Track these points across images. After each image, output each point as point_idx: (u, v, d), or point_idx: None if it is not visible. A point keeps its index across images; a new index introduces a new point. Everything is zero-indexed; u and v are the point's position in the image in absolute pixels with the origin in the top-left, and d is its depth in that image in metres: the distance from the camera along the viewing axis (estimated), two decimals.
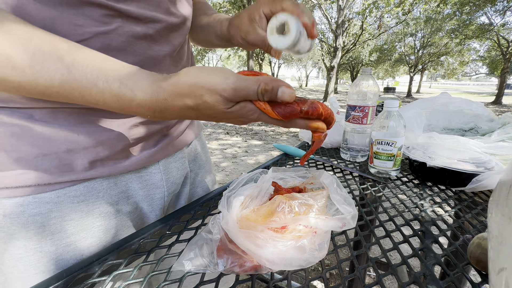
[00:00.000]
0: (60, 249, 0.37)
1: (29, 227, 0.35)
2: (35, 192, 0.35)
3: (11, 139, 0.33)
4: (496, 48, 14.98)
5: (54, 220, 0.36)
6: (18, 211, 0.34)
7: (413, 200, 0.53)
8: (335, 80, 11.89)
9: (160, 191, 0.47)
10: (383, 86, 1.19)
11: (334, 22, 10.73)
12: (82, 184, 0.38)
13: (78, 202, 0.37)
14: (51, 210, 0.36)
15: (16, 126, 0.33)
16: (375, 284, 0.30)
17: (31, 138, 0.34)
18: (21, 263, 0.35)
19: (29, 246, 0.35)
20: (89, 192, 0.38)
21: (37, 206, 0.35)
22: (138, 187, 0.44)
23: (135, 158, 0.42)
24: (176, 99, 0.29)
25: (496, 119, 0.96)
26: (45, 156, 0.35)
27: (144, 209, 0.45)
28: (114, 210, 0.41)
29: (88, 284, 0.31)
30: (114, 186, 0.41)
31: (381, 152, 0.63)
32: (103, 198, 0.39)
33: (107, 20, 0.34)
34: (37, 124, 0.33)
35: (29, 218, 0.35)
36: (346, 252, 1.55)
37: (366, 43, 16.11)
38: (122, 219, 0.42)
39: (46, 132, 0.34)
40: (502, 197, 0.25)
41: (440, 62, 21.40)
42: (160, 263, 0.35)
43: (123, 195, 0.42)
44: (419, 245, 0.38)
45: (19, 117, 0.33)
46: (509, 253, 0.21)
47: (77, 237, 0.38)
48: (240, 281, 0.32)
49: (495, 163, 0.58)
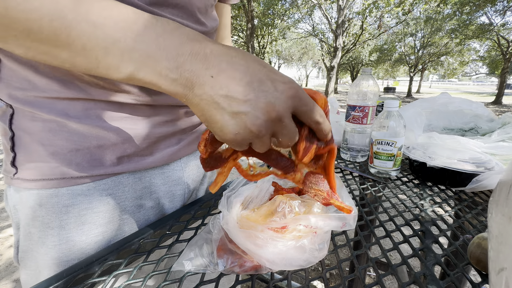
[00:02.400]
0: (89, 239, 0.38)
1: (62, 217, 0.37)
2: (68, 184, 0.37)
3: (48, 134, 0.36)
4: (496, 48, 14.97)
5: (85, 211, 0.38)
6: (53, 201, 0.37)
7: (413, 200, 0.53)
8: (335, 80, 11.90)
9: (181, 187, 0.49)
10: (383, 86, 1.19)
11: (334, 22, 10.73)
12: (110, 178, 0.40)
13: (106, 195, 0.39)
14: (82, 202, 0.38)
15: (54, 122, 0.35)
16: (375, 284, 0.30)
17: (66, 134, 0.36)
18: (54, 250, 0.37)
19: (62, 235, 0.37)
20: (116, 186, 0.40)
21: (70, 197, 0.37)
22: (160, 183, 0.45)
23: (158, 155, 0.44)
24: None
25: (496, 119, 0.96)
26: (78, 151, 0.37)
27: (166, 205, 0.47)
28: (138, 204, 0.43)
29: (88, 284, 0.31)
30: (138, 181, 0.43)
31: (381, 152, 0.63)
32: (128, 192, 0.42)
33: None
34: (71, 121, 0.35)
35: (63, 208, 0.37)
36: (346, 252, 1.55)
37: (366, 43, 16.12)
38: (145, 214, 0.44)
39: (79, 128, 0.36)
40: (502, 197, 0.25)
41: (440, 62, 21.40)
42: (160, 263, 0.35)
43: (147, 190, 0.44)
44: (419, 245, 0.38)
45: (56, 114, 0.35)
46: (509, 253, 0.21)
47: (105, 229, 0.40)
48: (240, 281, 0.32)
49: (495, 163, 0.58)
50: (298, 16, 15.38)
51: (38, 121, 0.36)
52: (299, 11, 13.94)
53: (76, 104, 0.36)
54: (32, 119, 0.36)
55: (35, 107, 0.35)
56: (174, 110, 0.45)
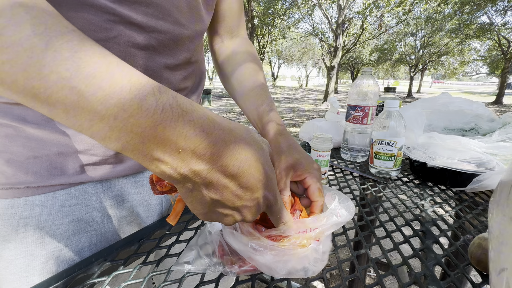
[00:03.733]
0: (50, 253, 0.36)
1: (19, 230, 0.34)
2: (25, 194, 0.34)
3: (4, 139, 0.33)
4: (497, 48, 14.95)
5: (45, 223, 0.35)
6: (9, 213, 0.34)
7: (414, 200, 0.53)
8: (335, 80, 11.89)
9: (157, 197, 0.45)
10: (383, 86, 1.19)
11: (334, 21, 10.72)
12: (74, 187, 0.37)
13: (69, 206, 0.37)
14: (41, 214, 0.35)
15: (10, 127, 0.33)
16: (376, 285, 0.30)
17: (23, 140, 0.33)
18: (12, 265, 0.35)
19: (20, 249, 0.35)
20: (81, 196, 0.37)
21: (27, 209, 0.34)
22: (133, 192, 0.43)
23: (130, 163, 0.41)
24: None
25: (497, 119, 0.96)
26: (36, 158, 0.34)
27: (141, 213, 0.44)
28: (108, 214, 0.40)
29: (87, 284, 0.31)
30: (108, 190, 0.40)
31: (381, 152, 0.63)
32: (96, 202, 0.38)
33: (107, 26, 0.32)
34: (29, 126, 0.33)
35: (20, 220, 0.34)
36: (346, 252, 1.55)
37: (366, 42, 16.11)
38: (117, 223, 0.41)
39: (38, 134, 0.33)
40: (503, 197, 0.25)
41: (441, 62, 21.39)
42: (160, 264, 0.35)
43: (118, 199, 0.41)
44: (419, 245, 0.38)
45: (12, 119, 0.32)
46: (510, 253, 0.21)
47: (69, 242, 0.37)
48: (240, 281, 0.32)
49: (495, 163, 0.58)
50: (298, 15, 15.38)
51: None
52: (299, 10, 13.93)
53: (34, 110, 0.32)
54: None
55: None
56: None
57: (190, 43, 0.42)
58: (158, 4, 0.35)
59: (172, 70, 0.41)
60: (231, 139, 0.22)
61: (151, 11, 0.35)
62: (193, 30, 0.42)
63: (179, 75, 0.43)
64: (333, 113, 0.90)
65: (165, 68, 0.40)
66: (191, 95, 0.49)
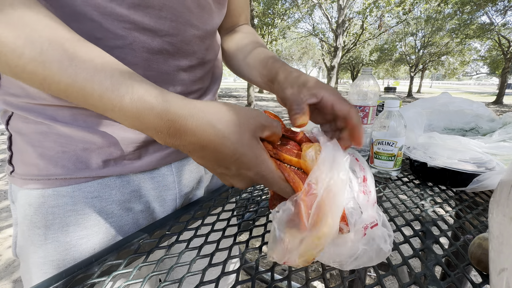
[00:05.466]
0: (74, 240, 0.39)
1: (48, 217, 0.38)
2: (54, 185, 0.38)
3: (39, 136, 0.37)
4: (497, 48, 14.95)
5: (70, 213, 0.38)
6: (40, 201, 0.37)
7: (414, 200, 0.53)
8: (335, 79, 11.89)
9: (171, 193, 0.47)
10: (384, 86, 1.19)
11: (335, 21, 10.73)
12: (96, 181, 0.40)
13: (92, 198, 0.39)
14: (67, 204, 0.38)
15: (44, 125, 0.37)
16: (376, 285, 0.30)
17: (54, 136, 0.37)
18: (41, 249, 0.38)
19: (48, 234, 0.38)
20: (103, 189, 0.40)
21: (55, 198, 0.38)
22: (150, 187, 0.44)
23: (147, 159, 0.43)
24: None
25: (497, 119, 0.96)
26: (64, 152, 0.37)
27: (156, 209, 0.46)
28: (126, 207, 0.42)
29: (87, 284, 0.31)
30: (126, 185, 0.42)
31: (381, 152, 0.63)
32: (115, 195, 0.41)
33: (123, 34, 0.35)
34: (59, 124, 0.36)
35: (49, 209, 0.37)
36: None
37: (366, 42, 16.11)
38: (134, 217, 0.43)
39: (66, 131, 0.37)
40: (503, 197, 0.25)
41: (441, 62, 21.39)
42: (160, 264, 0.35)
43: (135, 193, 0.43)
44: (419, 245, 0.38)
45: (45, 118, 0.36)
46: (510, 253, 0.21)
47: (90, 231, 0.39)
48: (240, 281, 0.32)
49: (496, 163, 0.58)
50: (298, 15, 15.38)
51: (30, 123, 0.37)
52: (299, 10, 13.94)
53: (63, 110, 0.36)
54: (24, 121, 0.37)
55: (26, 112, 0.36)
56: None
57: (202, 43, 0.44)
58: (170, 6, 0.37)
59: (186, 71, 0.43)
60: (187, 124, 0.26)
61: (164, 14, 0.37)
62: (204, 30, 0.43)
63: (193, 76, 0.45)
64: None
65: (178, 70, 0.42)
66: (207, 94, 0.50)
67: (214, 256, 0.36)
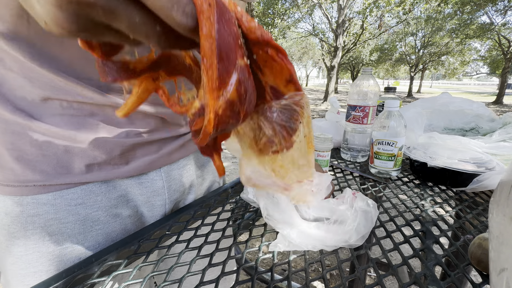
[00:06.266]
0: (57, 251, 0.36)
1: (27, 227, 0.35)
2: (33, 192, 0.35)
3: (12, 136, 0.33)
4: (497, 48, 14.95)
5: (51, 222, 0.36)
6: (18, 210, 0.35)
7: (414, 200, 0.53)
8: (335, 79, 11.89)
9: (161, 198, 0.45)
10: (384, 86, 1.19)
11: (335, 21, 10.72)
12: (80, 187, 0.37)
13: (75, 205, 0.37)
14: (48, 212, 0.35)
15: (17, 124, 0.33)
16: (376, 285, 0.30)
17: (31, 137, 0.33)
18: (21, 261, 0.36)
19: (28, 245, 0.35)
20: (87, 195, 0.38)
21: (35, 207, 0.35)
22: (138, 193, 0.43)
23: (134, 164, 0.41)
24: None
25: (497, 119, 0.96)
26: (44, 156, 0.34)
27: (145, 213, 0.44)
28: (113, 213, 0.40)
29: (87, 284, 0.31)
30: (113, 190, 0.40)
31: (381, 152, 0.63)
32: (101, 201, 0.39)
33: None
34: (36, 123, 0.33)
35: (28, 218, 0.35)
36: (346, 252, 1.55)
37: (366, 42, 16.10)
38: (122, 223, 0.41)
39: (45, 132, 0.34)
40: (503, 198, 0.24)
41: (441, 62, 21.38)
42: (160, 264, 0.35)
43: (123, 198, 0.41)
44: (419, 245, 0.38)
45: (20, 115, 0.33)
46: (510, 253, 0.21)
47: (75, 240, 0.37)
48: (240, 281, 0.32)
49: (496, 163, 0.58)
50: (298, 15, 15.37)
51: (0, 122, 0.33)
52: (299, 10, 13.93)
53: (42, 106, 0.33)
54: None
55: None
56: (149, 119, 0.41)
57: None
58: None
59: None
60: None
61: None
62: None
63: None
64: (333, 113, 0.90)
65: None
66: None
67: (214, 256, 0.36)
